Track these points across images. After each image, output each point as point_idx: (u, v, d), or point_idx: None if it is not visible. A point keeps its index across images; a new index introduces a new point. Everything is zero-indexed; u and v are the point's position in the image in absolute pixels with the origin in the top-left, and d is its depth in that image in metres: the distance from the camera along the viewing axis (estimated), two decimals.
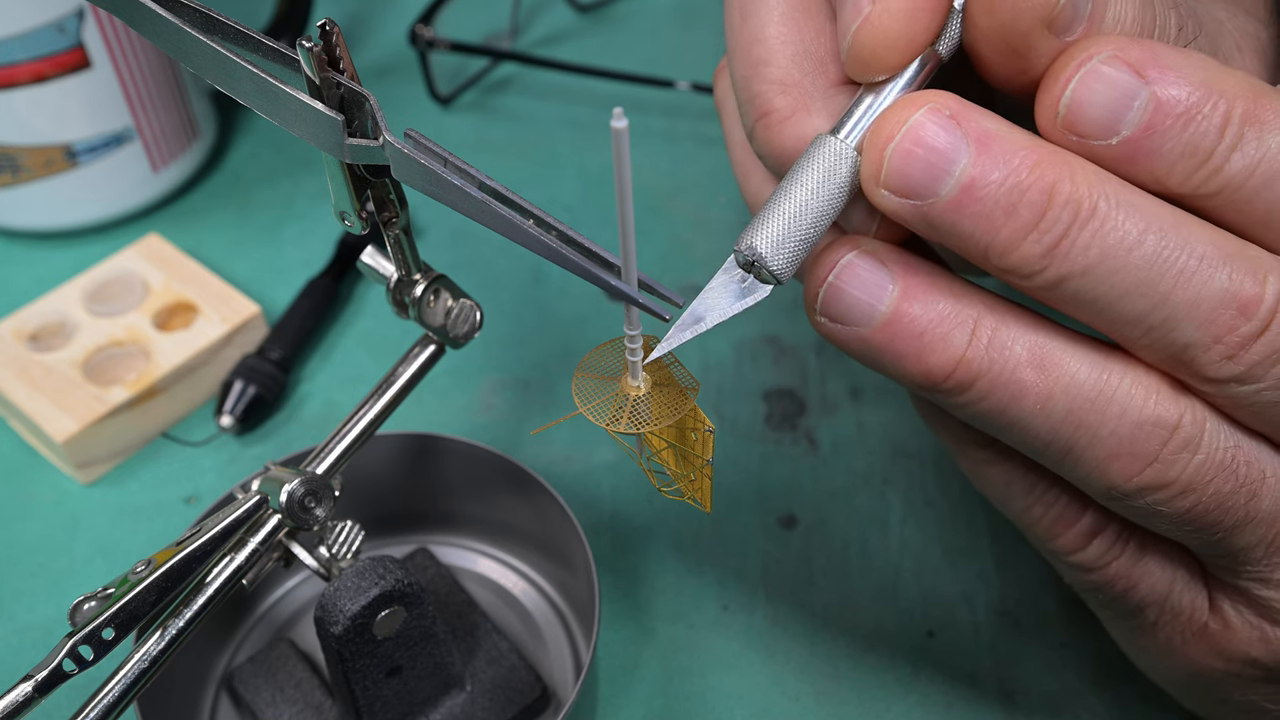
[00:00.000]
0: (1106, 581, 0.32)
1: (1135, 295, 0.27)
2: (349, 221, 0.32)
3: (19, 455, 0.50)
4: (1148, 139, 0.26)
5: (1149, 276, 0.26)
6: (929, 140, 0.27)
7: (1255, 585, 0.31)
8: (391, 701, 0.38)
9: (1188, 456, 0.28)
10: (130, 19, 0.30)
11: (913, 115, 0.27)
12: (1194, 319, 0.27)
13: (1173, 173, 0.27)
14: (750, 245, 0.28)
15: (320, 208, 0.61)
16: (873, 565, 0.45)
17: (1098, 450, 0.28)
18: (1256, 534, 0.29)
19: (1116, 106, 0.26)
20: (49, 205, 0.58)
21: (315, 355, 0.54)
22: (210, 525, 0.33)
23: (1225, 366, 0.27)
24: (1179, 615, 0.33)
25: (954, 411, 0.30)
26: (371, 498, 0.44)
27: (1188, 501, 0.28)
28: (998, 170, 0.26)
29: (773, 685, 0.42)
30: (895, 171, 0.27)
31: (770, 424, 0.50)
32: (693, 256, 0.58)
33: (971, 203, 0.27)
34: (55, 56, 0.54)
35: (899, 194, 0.27)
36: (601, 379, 0.31)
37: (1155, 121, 0.26)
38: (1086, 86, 0.26)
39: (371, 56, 0.70)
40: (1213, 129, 0.26)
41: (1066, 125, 0.27)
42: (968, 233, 0.27)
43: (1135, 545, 0.32)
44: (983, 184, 0.26)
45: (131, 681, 0.32)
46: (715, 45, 0.70)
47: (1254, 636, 0.32)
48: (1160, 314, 0.27)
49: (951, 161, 0.27)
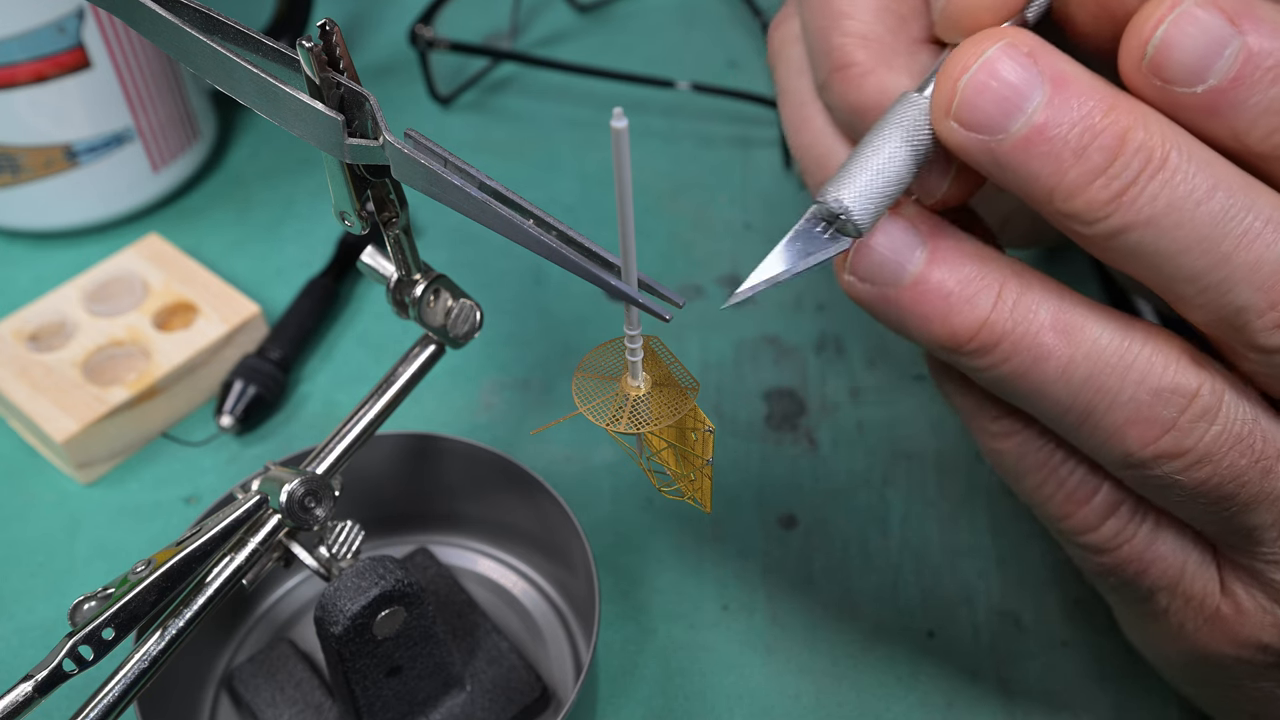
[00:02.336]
0: (1119, 564, 0.32)
1: (1196, 252, 0.26)
2: (349, 221, 0.32)
3: (19, 455, 0.50)
4: (1234, 90, 0.26)
5: (1212, 234, 0.26)
6: (1005, 74, 0.26)
7: (1270, 568, 0.30)
8: (391, 701, 0.38)
9: (1205, 426, 0.28)
10: (130, 19, 0.30)
11: (989, 48, 0.27)
12: (1252, 282, 0.26)
13: (1254, 128, 0.26)
14: (837, 199, 0.28)
15: (320, 208, 0.61)
16: (873, 565, 0.45)
17: (1115, 416, 0.28)
18: (1271, 513, 0.29)
19: (1207, 52, 0.26)
20: (49, 205, 0.58)
21: (315, 355, 0.54)
22: (210, 525, 0.33)
23: (1276, 335, 0.26)
24: (1191, 600, 0.32)
25: (975, 376, 0.30)
26: (371, 498, 0.44)
27: (1203, 473, 0.28)
28: (1072, 111, 0.26)
29: (773, 685, 0.42)
30: (967, 104, 0.27)
31: (770, 424, 0.50)
32: (693, 256, 0.58)
33: (1042, 141, 0.26)
34: (55, 56, 0.54)
35: (969, 127, 0.27)
36: (601, 379, 0.31)
37: (1244, 73, 0.26)
38: (1179, 29, 0.26)
39: (371, 56, 0.70)
40: None
41: (1152, 68, 0.26)
42: (1035, 173, 0.27)
43: (1149, 526, 0.31)
44: (1056, 123, 0.26)
45: (131, 681, 0.32)
46: (715, 45, 0.70)
47: (1266, 621, 0.31)
48: (1219, 273, 0.26)
49: (1026, 98, 0.26)
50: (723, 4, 0.73)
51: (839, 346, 0.53)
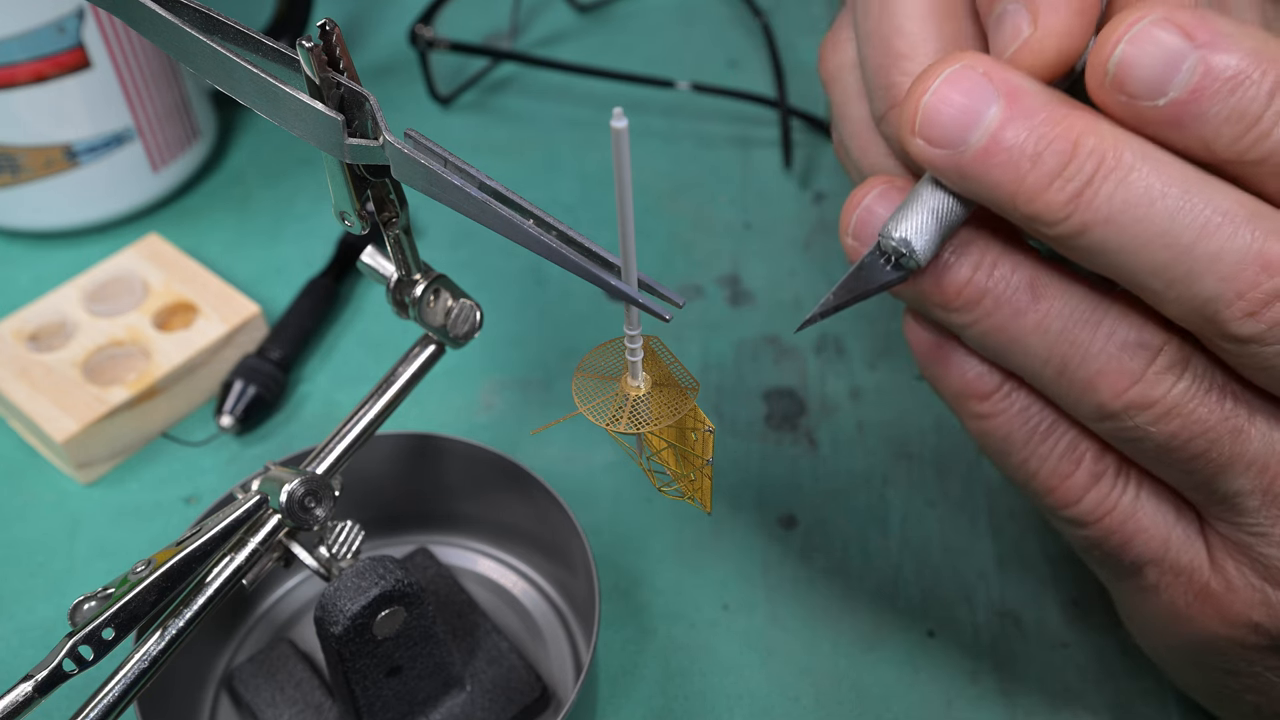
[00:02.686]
0: (1103, 534, 0.33)
1: (1157, 246, 0.27)
2: (349, 221, 0.32)
3: (19, 455, 0.50)
4: (1195, 101, 0.27)
5: (1171, 228, 0.27)
6: (961, 91, 0.28)
7: (1257, 541, 0.31)
8: (391, 701, 0.38)
9: (1171, 379, 0.29)
10: (130, 19, 0.30)
11: (947, 69, 0.29)
12: (1216, 273, 0.27)
13: (1219, 136, 0.27)
14: (902, 238, 0.30)
15: (320, 208, 0.61)
16: (873, 565, 0.45)
17: (1088, 367, 0.30)
18: (1248, 479, 0.30)
19: (1165, 68, 0.27)
20: (49, 205, 0.58)
21: (315, 355, 0.54)
22: (210, 525, 0.33)
23: (1247, 324, 0.27)
24: (1180, 574, 0.33)
25: (962, 333, 0.32)
26: (371, 498, 0.44)
27: (1172, 425, 0.30)
28: (1026, 120, 0.28)
29: (773, 685, 0.42)
30: (929, 120, 0.29)
31: (770, 424, 0.50)
32: (693, 256, 0.58)
33: (999, 151, 0.28)
34: (55, 56, 0.54)
35: (933, 143, 0.29)
36: (601, 379, 0.31)
37: (1203, 85, 0.27)
38: (1136, 46, 0.27)
39: (371, 56, 0.70)
40: (1261, 94, 0.27)
41: (1115, 85, 0.28)
42: (996, 181, 0.28)
43: (1131, 496, 0.33)
44: (1010, 131, 0.28)
45: (131, 681, 0.32)
46: (715, 45, 0.70)
47: (1256, 599, 0.32)
48: (1182, 266, 0.27)
49: (981, 111, 0.28)
50: (723, 4, 0.73)
51: (839, 346, 0.53)
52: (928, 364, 0.34)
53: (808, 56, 0.68)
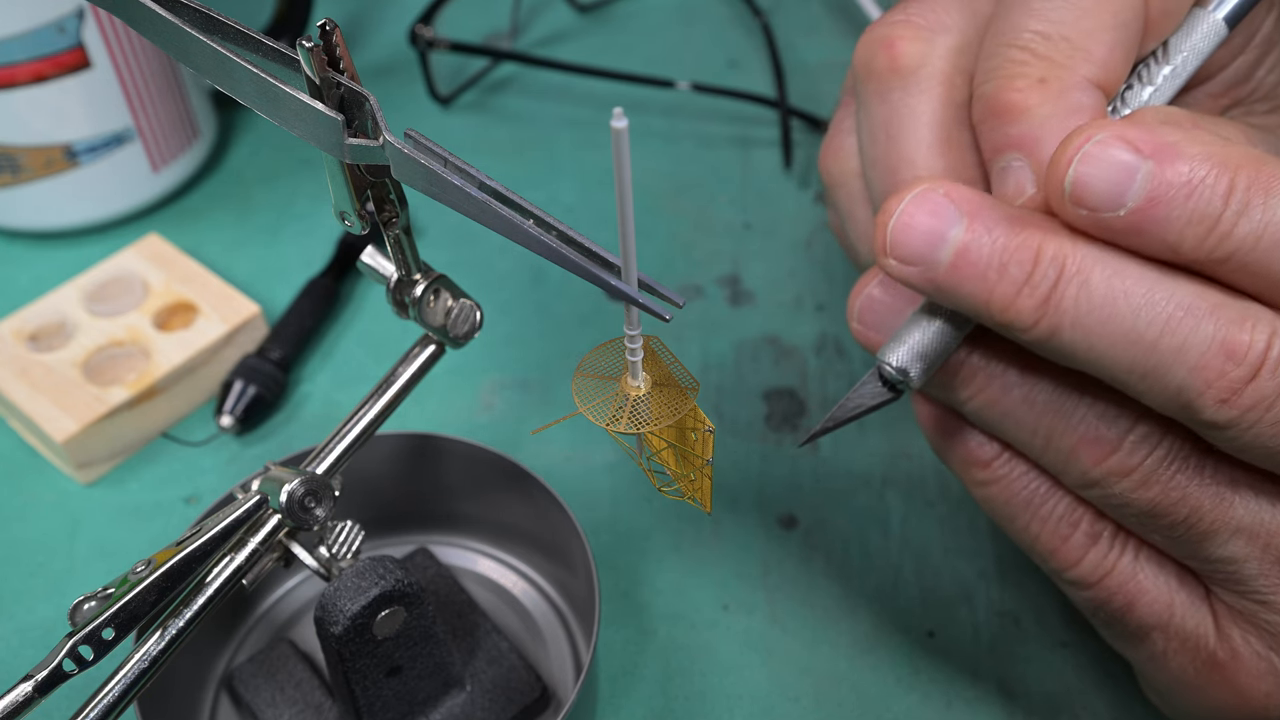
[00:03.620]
0: (1106, 596, 0.34)
1: (1125, 343, 0.29)
2: (349, 221, 0.32)
3: (19, 455, 0.50)
4: (1153, 208, 0.28)
5: (1136, 325, 0.29)
6: (926, 212, 0.30)
7: (1260, 609, 0.32)
8: (391, 701, 0.38)
9: (1148, 448, 0.31)
10: (130, 19, 0.30)
11: (910, 194, 0.30)
12: (1183, 364, 0.28)
13: (1183, 240, 0.28)
14: (901, 366, 0.32)
15: (320, 208, 0.61)
16: (873, 565, 0.45)
17: (1071, 436, 0.32)
18: (1238, 546, 0.31)
19: (1119, 181, 0.28)
20: (49, 205, 0.58)
21: (315, 355, 0.54)
22: (210, 525, 0.33)
23: (1222, 411, 0.28)
24: (1186, 641, 0.33)
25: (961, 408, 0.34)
26: (371, 498, 0.44)
27: (1151, 492, 0.31)
28: (988, 234, 0.29)
29: (773, 685, 0.42)
30: (897, 242, 0.30)
31: (770, 424, 0.50)
32: (693, 256, 0.58)
33: (966, 265, 0.30)
34: (55, 56, 0.54)
35: (904, 261, 0.30)
36: (601, 379, 0.31)
37: (1158, 193, 0.28)
38: (1087, 166, 0.29)
39: (371, 56, 0.70)
40: (1217, 196, 0.28)
41: (1074, 201, 0.29)
42: (969, 293, 0.30)
43: (1129, 559, 0.34)
44: (975, 247, 0.30)
45: (131, 681, 0.32)
46: (715, 45, 0.70)
47: (1263, 668, 0.32)
48: (1151, 360, 0.29)
49: (946, 230, 0.30)
50: (723, 4, 0.73)
51: (839, 347, 0.53)
52: (933, 436, 0.36)
53: (808, 56, 0.68)
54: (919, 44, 0.35)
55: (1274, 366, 0.28)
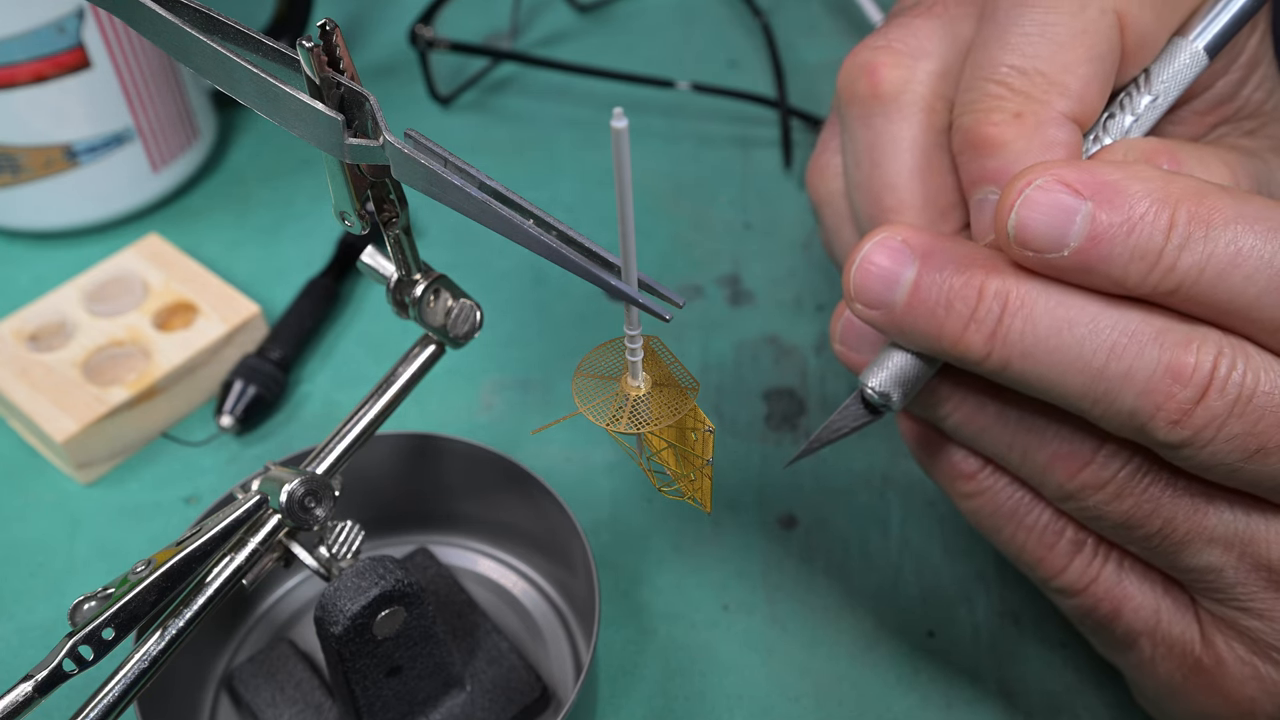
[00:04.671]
0: (1092, 604, 0.35)
1: (1074, 371, 0.30)
2: (349, 221, 0.32)
3: (19, 455, 0.50)
4: (1095, 247, 0.29)
5: (1082, 353, 0.29)
6: (881, 259, 0.32)
7: (1240, 615, 0.32)
8: (391, 701, 0.38)
9: (1120, 461, 0.32)
10: (130, 19, 0.30)
11: (869, 242, 0.32)
12: (1131, 389, 0.29)
13: (1128, 275, 0.29)
14: (883, 392, 0.33)
15: (320, 208, 0.61)
16: (873, 565, 0.45)
17: (1045, 451, 0.32)
18: (1215, 555, 0.31)
19: (1059, 223, 0.29)
20: (49, 205, 0.58)
21: (315, 355, 0.54)
22: (210, 525, 0.33)
23: (1175, 432, 0.29)
24: (1173, 647, 0.34)
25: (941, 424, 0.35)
26: (371, 498, 0.44)
27: (1125, 505, 0.32)
28: (936, 273, 0.31)
29: (773, 685, 0.42)
30: (859, 287, 0.32)
31: (770, 424, 0.50)
32: (693, 256, 0.58)
33: (919, 304, 0.31)
34: (55, 56, 0.54)
35: (867, 305, 0.32)
36: (601, 379, 0.31)
37: (1099, 232, 0.29)
38: (1028, 211, 0.30)
39: (371, 56, 0.70)
40: (1158, 231, 0.29)
41: (1020, 244, 0.30)
42: (923, 331, 0.31)
43: (1113, 566, 0.34)
44: (925, 287, 0.31)
45: (131, 681, 0.32)
46: (715, 45, 0.70)
47: (1248, 673, 0.33)
48: (1101, 387, 0.29)
49: (899, 273, 0.31)
50: (723, 4, 0.73)
51: None
52: (918, 451, 0.37)
53: (808, 56, 0.68)
54: (900, 70, 0.36)
55: (1222, 386, 0.28)
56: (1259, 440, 0.29)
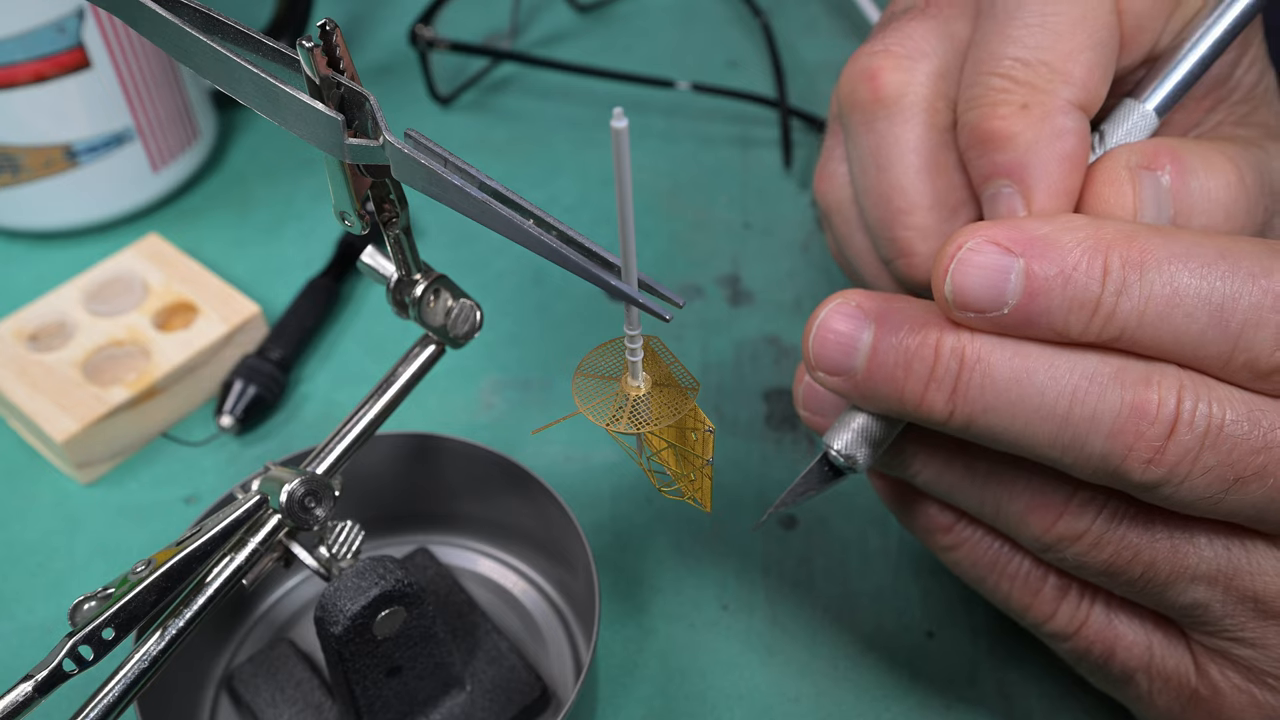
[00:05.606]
0: (1086, 646, 0.35)
1: (1038, 421, 0.29)
2: (349, 221, 0.32)
3: (19, 455, 0.50)
4: (1034, 302, 0.29)
5: (1044, 402, 0.29)
6: (837, 325, 0.32)
7: (1232, 645, 0.32)
8: (391, 701, 0.38)
9: (1094, 511, 0.31)
10: (130, 19, 0.30)
11: (826, 308, 0.32)
12: (1099, 432, 0.29)
13: (1070, 325, 0.29)
14: (849, 455, 0.33)
15: (320, 208, 0.61)
16: (873, 565, 0.45)
17: (1017, 504, 0.32)
18: (1201, 591, 0.31)
19: (995, 282, 0.29)
20: (49, 205, 0.58)
21: (315, 355, 0.54)
22: (210, 525, 0.33)
23: (1150, 471, 0.29)
24: (1169, 680, 0.34)
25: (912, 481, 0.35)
26: (371, 498, 0.44)
27: (1105, 553, 0.31)
28: (892, 336, 0.31)
29: (773, 685, 0.42)
30: (817, 355, 0.32)
31: (770, 424, 0.50)
32: (693, 256, 0.58)
33: (878, 369, 0.31)
34: (55, 56, 0.54)
35: (828, 372, 0.32)
36: (601, 379, 0.31)
37: (1034, 287, 0.29)
38: (962, 274, 0.30)
39: (371, 56, 0.70)
40: (1094, 280, 0.29)
41: (959, 306, 0.30)
42: (885, 394, 0.31)
43: (1101, 607, 0.34)
44: (883, 350, 0.31)
45: (131, 681, 0.32)
46: (715, 45, 0.70)
47: (1244, 701, 0.33)
48: (1068, 434, 0.29)
49: (857, 339, 0.32)
50: (723, 4, 0.73)
51: None
52: (894, 507, 0.37)
53: (808, 56, 0.68)
54: (899, 73, 0.36)
55: (1190, 420, 0.28)
56: (1235, 470, 0.28)
